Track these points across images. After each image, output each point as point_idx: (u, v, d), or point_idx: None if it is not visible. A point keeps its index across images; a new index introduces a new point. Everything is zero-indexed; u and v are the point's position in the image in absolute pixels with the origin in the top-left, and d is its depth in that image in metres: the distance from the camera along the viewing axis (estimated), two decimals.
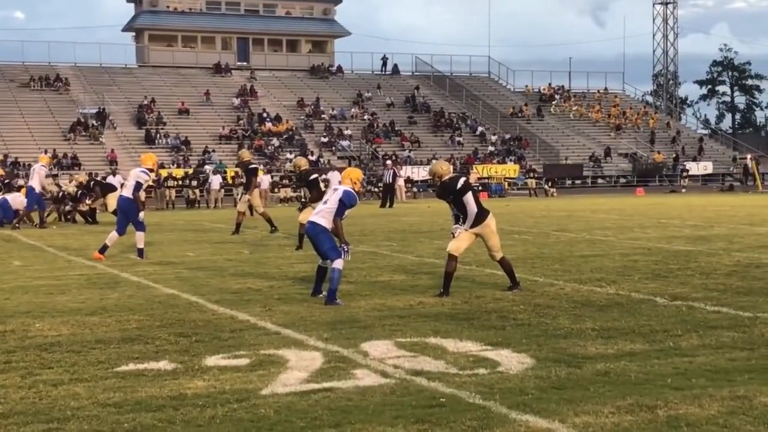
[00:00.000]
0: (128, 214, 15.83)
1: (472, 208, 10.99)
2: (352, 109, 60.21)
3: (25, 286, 12.45)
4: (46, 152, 43.75)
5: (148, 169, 16.38)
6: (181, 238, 20.77)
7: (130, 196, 15.79)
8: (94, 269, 14.43)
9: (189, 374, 7.11)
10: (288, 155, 49.99)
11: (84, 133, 50.82)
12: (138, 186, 15.86)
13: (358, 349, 7.91)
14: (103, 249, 15.78)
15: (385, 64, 69.21)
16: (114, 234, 15.90)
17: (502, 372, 7.06)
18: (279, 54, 67.45)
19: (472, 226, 11.06)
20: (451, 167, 11.91)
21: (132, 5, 68.40)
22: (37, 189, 24.31)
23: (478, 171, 50.32)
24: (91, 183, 28.05)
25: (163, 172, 41.71)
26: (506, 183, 51.21)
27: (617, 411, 5.94)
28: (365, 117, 59.34)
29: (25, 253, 17.21)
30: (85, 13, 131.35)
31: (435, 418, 5.86)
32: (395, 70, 69.39)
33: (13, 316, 9.93)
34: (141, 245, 15.82)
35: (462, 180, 11.16)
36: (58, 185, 28.73)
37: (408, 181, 45.90)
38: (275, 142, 53.16)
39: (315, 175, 18.10)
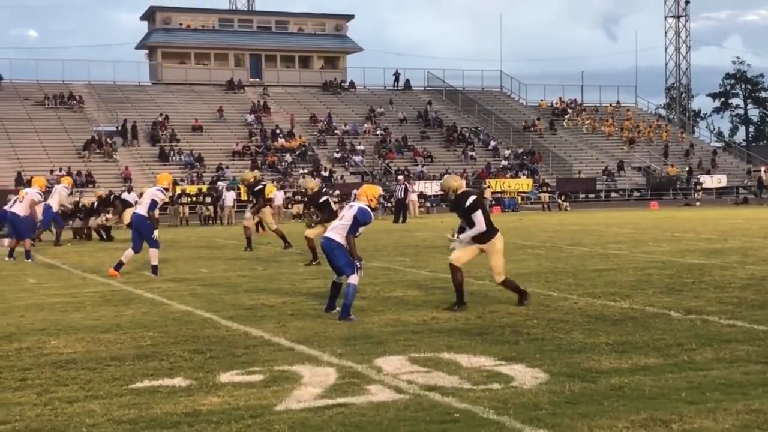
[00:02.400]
0: (141, 231, 15.91)
1: (480, 225, 11.03)
2: (365, 125, 60.31)
3: (40, 304, 12.51)
4: (68, 172, 43.91)
5: (163, 188, 16.55)
6: (194, 254, 20.82)
7: (144, 214, 15.88)
8: (109, 286, 14.49)
9: (203, 391, 7.13)
10: (301, 171, 50.08)
11: (98, 151, 51.06)
12: (153, 204, 15.95)
13: (371, 365, 7.92)
14: (119, 266, 15.85)
15: (397, 79, 69.36)
16: (130, 251, 15.96)
17: (516, 387, 7.06)
18: (291, 70, 67.67)
19: (478, 242, 11.14)
20: (463, 182, 12.02)
21: (145, 23, 68.80)
22: (55, 208, 24.44)
23: (491, 186, 50.30)
24: (112, 197, 28.06)
25: (177, 189, 41.84)
26: (519, 197, 51.16)
27: (631, 425, 5.93)
28: (378, 132, 59.42)
29: (39, 271, 17.29)
30: (99, 32, 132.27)
31: None
32: (407, 85, 69.51)
33: (29, 334, 9.98)
34: (155, 262, 15.90)
35: (472, 198, 11.15)
36: (76, 203, 28.53)
37: (421, 196, 45.89)
38: (288, 158, 53.28)
39: (326, 198, 18.06)
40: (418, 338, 9.21)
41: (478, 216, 11.03)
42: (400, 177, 42.72)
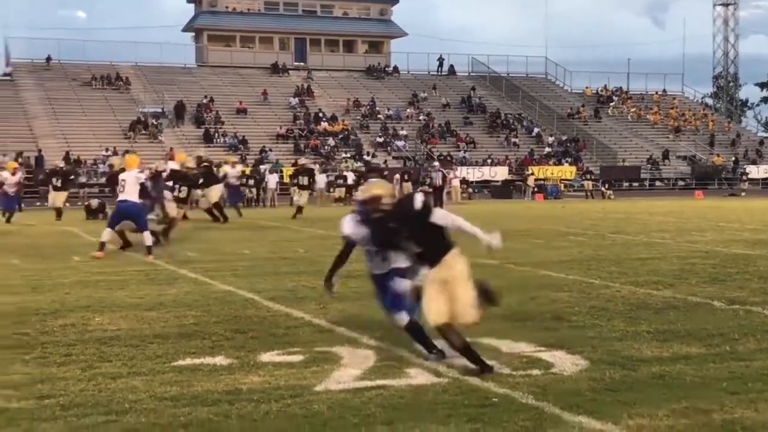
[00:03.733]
0: (133, 218, 15.99)
1: (459, 221, 7.48)
2: (408, 110, 60.24)
3: (85, 281, 12.68)
4: (114, 152, 44.26)
5: (139, 170, 16.39)
6: (237, 236, 20.95)
7: (135, 200, 15.88)
8: (152, 265, 14.63)
9: (244, 370, 7.20)
10: (343, 155, 50.18)
11: (144, 132, 51.52)
12: (143, 187, 16.09)
13: (411, 348, 7.94)
14: (150, 250, 15.84)
15: (441, 64, 69.11)
16: (147, 234, 15.96)
17: (556, 373, 7.05)
18: (336, 54, 67.72)
19: (428, 263, 7.33)
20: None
21: (192, 5, 69.15)
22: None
23: (534, 173, 50.08)
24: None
25: (221, 171, 41.98)
26: (562, 185, 50.87)
27: (672, 414, 5.90)
28: (421, 117, 59.34)
29: (85, 249, 17.49)
30: (145, 13, 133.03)
31: (488, 417, 5.88)
32: (451, 70, 69.25)
33: (74, 311, 10.13)
34: (149, 243, 15.76)
35: (420, 197, 7.55)
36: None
37: (463, 181, 45.80)
38: (331, 141, 53.40)
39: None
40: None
41: (442, 214, 7.54)
42: (436, 163, 42.62)
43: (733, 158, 59.70)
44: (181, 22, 74.42)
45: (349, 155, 49.55)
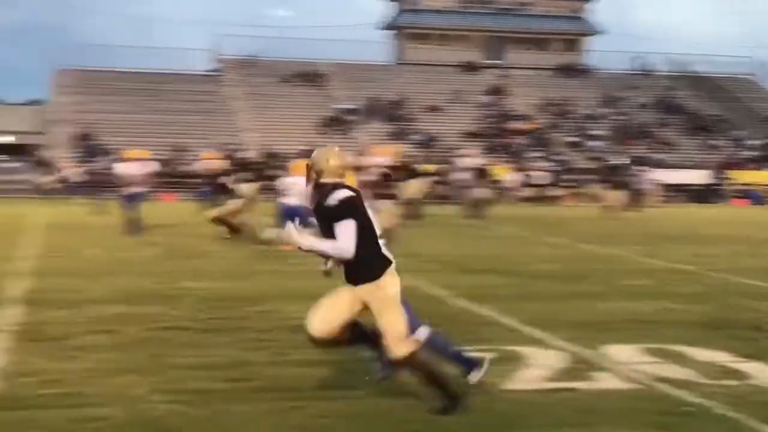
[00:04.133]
0: (295, 217, 16.58)
1: (343, 243, 6.19)
2: (603, 109, 59.01)
3: (277, 271, 13.10)
4: (306, 151, 45.43)
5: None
6: (429, 232, 21.06)
7: (297, 204, 16.38)
8: None
9: None
10: (534, 154, 49.70)
11: (338, 128, 52.69)
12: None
13: (600, 352, 7.76)
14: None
15: (638, 63, 67.31)
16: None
17: (756, 385, 6.72)
18: (529, 52, 67.10)
19: (351, 281, 6.49)
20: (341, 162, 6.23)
21: (389, 4, 70.10)
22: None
23: (733, 178, 48.06)
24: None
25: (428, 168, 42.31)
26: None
27: None
28: (616, 118, 58.00)
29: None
30: (343, 12, 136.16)
31: (680, 426, 5.66)
32: (649, 69, 67.31)
33: (268, 298, 10.47)
34: None
35: (341, 194, 6.06)
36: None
37: (660, 185, 44.46)
38: (522, 140, 53.01)
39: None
40: (650, 328, 8.93)
41: (344, 229, 6.10)
42: (636, 166, 41.53)
43: None
44: (375, 20, 75.44)
45: (540, 155, 48.94)
